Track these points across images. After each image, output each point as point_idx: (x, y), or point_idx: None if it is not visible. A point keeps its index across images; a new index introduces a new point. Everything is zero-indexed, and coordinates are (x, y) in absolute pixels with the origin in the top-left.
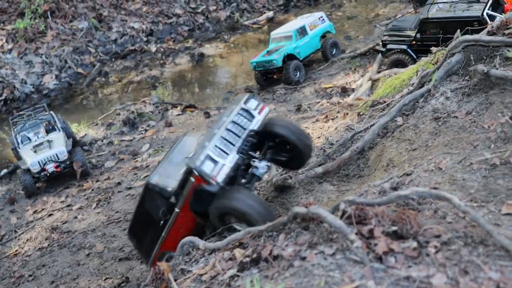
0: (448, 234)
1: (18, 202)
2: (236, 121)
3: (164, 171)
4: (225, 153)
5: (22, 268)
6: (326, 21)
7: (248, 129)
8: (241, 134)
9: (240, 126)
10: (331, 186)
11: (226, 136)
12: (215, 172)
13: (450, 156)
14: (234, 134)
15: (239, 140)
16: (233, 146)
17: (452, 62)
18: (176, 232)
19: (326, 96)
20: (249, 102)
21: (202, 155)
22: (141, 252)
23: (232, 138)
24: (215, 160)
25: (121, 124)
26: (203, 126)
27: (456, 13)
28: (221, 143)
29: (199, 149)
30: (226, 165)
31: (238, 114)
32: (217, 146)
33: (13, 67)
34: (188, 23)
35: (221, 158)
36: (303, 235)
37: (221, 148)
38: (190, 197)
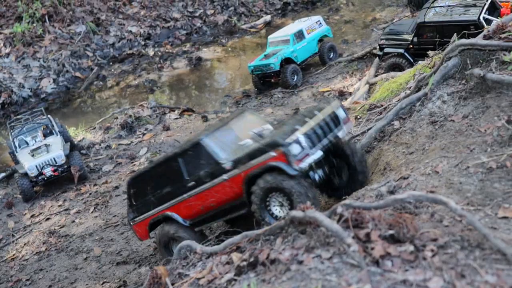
0: (445, 237)
1: (15, 206)
2: (327, 121)
3: (220, 137)
4: (312, 144)
5: (19, 272)
6: (324, 25)
7: (334, 133)
8: (328, 135)
9: (328, 127)
10: None
11: (317, 130)
12: (300, 156)
13: (446, 159)
14: (323, 132)
15: (325, 139)
16: (319, 143)
17: (448, 66)
18: (203, 198)
19: (323, 100)
20: (338, 109)
21: (293, 136)
22: (132, 205)
23: (321, 135)
24: (303, 146)
25: (118, 128)
26: (200, 130)
27: (452, 17)
28: (311, 134)
29: (288, 129)
30: (310, 156)
31: (330, 116)
32: (308, 134)
33: (10, 71)
34: (186, 27)
35: (308, 148)
36: (300, 239)
37: (311, 139)
38: (257, 169)
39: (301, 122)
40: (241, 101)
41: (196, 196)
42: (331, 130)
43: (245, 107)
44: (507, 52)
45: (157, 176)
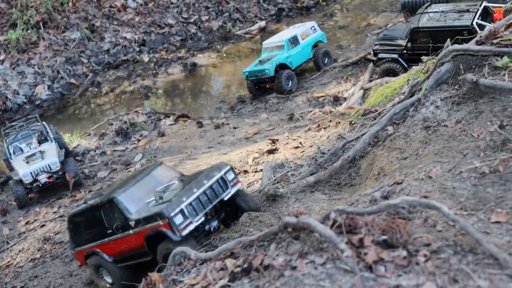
0: (438, 242)
1: (10, 213)
2: (214, 188)
3: (132, 194)
4: (195, 213)
5: (14, 280)
6: (318, 30)
7: (220, 198)
8: (213, 200)
9: (215, 193)
10: (322, 195)
11: (201, 198)
12: (182, 226)
13: (440, 164)
14: (208, 199)
15: (210, 205)
16: (203, 209)
17: (441, 71)
18: (118, 245)
19: (318, 105)
20: (228, 173)
21: (177, 208)
22: (72, 237)
23: (205, 202)
24: (186, 216)
25: (113, 134)
26: (195, 136)
27: (446, 23)
28: (196, 203)
29: (176, 200)
30: (193, 224)
31: (217, 182)
32: (192, 204)
33: (5, 77)
34: (181, 33)
35: (191, 216)
36: (294, 245)
37: (193, 208)
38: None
39: (189, 193)
40: (236, 107)
41: (113, 242)
42: (217, 195)
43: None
44: (499, 57)
45: (87, 219)
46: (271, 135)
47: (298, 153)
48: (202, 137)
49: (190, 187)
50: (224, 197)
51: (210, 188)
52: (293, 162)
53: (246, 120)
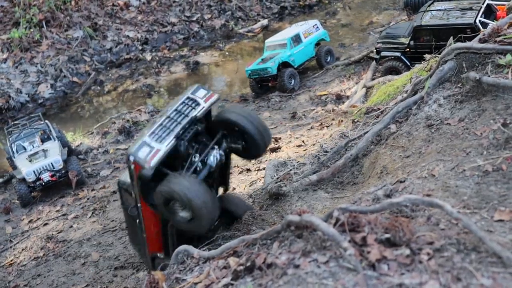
0: (441, 241)
1: (13, 212)
2: (179, 109)
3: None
4: (162, 138)
5: (17, 278)
6: (321, 28)
7: (190, 115)
8: (181, 120)
9: (182, 113)
10: (325, 193)
11: (166, 123)
12: (149, 157)
13: (443, 163)
14: (174, 121)
15: (178, 126)
16: (171, 132)
17: (444, 69)
18: (149, 230)
19: (321, 104)
20: (197, 91)
21: (139, 142)
22: (143, 258)
23: (171, 125)
24: (150, 145)
25: (116, 133)
26: None
27: (449, 21)
28: (159, 130)
29: (138, 138)
30: (161, 149)
31: (183, 103)
32: (155, 132)
33: (8, 76)
34: (183, 31)
35: (156, 143)
36: (297, 243)
37: (158, 135)
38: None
39: (150, 124)
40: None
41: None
42: (185, 115)
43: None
44: (502, 55)
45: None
46: (274, 133)
47: (301, 152)
48: None
49: (152, 120)
50: (197, 114)
51: (174, 111)
52: (296, 160)
53: None
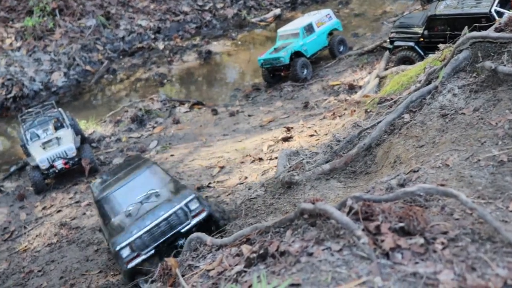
0: (455, 230)
1: (27, 199)
2: (169, 220)
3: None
4: (145, 246)
5: (31, 264)
6: (333, 18)
7: (175, 230)
8: (168, 233)
9: (170, 225)
10: (338, 183)
11: (154, 231)
12: (128, 259)
13: (457, 152)
14: (162, 231)
15: (163, 238)
16: (155, 242)
17: (459, 58)
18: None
19: (333, 93)
20: (191, 203)
21: (125, 242)
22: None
23: (158, 235)
24: (133, 249)
25: (129, 121)
26: (210, 124)
27: (464, 10)
28: (147, 236)
29: (126, 232)
30: (140, 256)
31: (175, 213)
32: (141, 237)
33: (22, 64)
34: (196, 20)
35: (139, 250)
36: (310, 231)
37: (143, 241)
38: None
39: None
40: (250, 95)
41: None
42: (173, 228)
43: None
44: None
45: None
46: (286, 123)
47: (313, 141)
48: (217, 125)
49: (146, 218)
50: (181, 230)
51: (165, 220)
52: (308, 150)
53: (261, 108)
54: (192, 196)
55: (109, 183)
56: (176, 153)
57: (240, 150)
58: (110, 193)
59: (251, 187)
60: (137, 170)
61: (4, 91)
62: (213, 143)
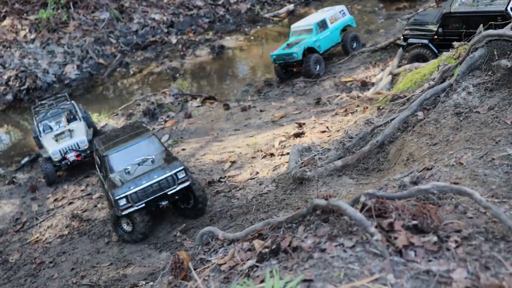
0: (469, 229)
1: (39, 190)
2: (160, 183)
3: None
4: (138, 200)
5: (43, 255)
6: (347, 14)
7: (164, 192)
8: (158, 193)
9: (160, 187)
10: (350, 179)
11: (147, 189)
12: (123, 207)
13: (471, 151)
14: (152, 190)
15: (153, 196)
16: (146, 198)
17: (475, 56)
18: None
19: (345, 90)
20: (179, 173)
21: (123, 194)
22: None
23: (150, 193)
24: (128, 201)
25: (141, 115)
26: (222, 118)
27: (479, 8)
28: (140, 192)
29: (126, 186)
30: (133, 207)
31: (165, 179)
32: (136, 193)
33: (35, 56)
34: (209, 15)
35: (133, 202)
36: (323, 227)
37: (137, 196)
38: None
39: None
40: (262, 90)
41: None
42: (162, 190)
43: (152, 132)
44: None
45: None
46: (298, 119)
47: (325, 137)
48: (228, 120)
49: (142, 178)
50: (168, 192)
51: (157, 182)
52: (320, 146)
53: (273, 103)
54: (181, 167)
55: (113, 143)
56: (188, 147)
57: (252, 145)
58: (114, 151)
59: (262, 182)
60: (138, 136)
61: (18, 82)
62: (224, 138)
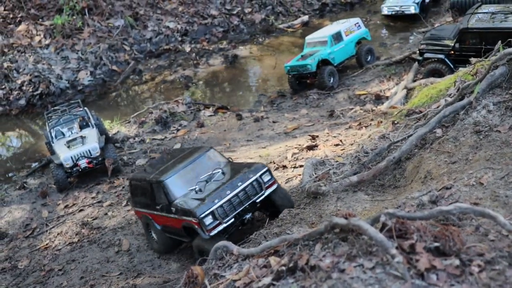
0: (492, 253)
1: (50, 196)
2: (247, 190)
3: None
4: (226, 215)
5: (52, 262)
6: (362, 27)
7: (252, 200)
8: (245, 202)
9: (247, 195)
10: (365, 195)
11: (233, 200)
12: (211, 226)
13: (492, 171)
14: (240, 201)
15: (241, 207)
16: (234, 211)
17: (495, 74)
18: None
19: (359, 103)
20: (264, 175)
21: (208, 210)
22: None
23: (237, 204)
24: (216, 217)
25: (153, 123)
26: (234, 129)
27: (497, 24)
28: (227, 205)
29: (209, 201)
30: (222, 225)
31: (251, 184)
32: (223, 206)
33: (49, 62)
34: (223, 24)
35: (220, 218)
36: (341, 247)
37: (224, 209)
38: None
39: (221, 194)
40: (276, 101)
41: (161, 216)
42: (249, 198)
43: (210, 146)
44: None
45: (142, 187)
46: (311, 131)
47: (338, 151)
48: (241, 130)
49: (225, 188)
50: (256, 200)
51: (243, 190)
52: (334, 160)
53: (286, 114)
54: (266, 169)
55: (165, 167)
56: None
57: (264, 157)
58: (170, 175)
59: None
60: (195, 153)
61: (31, 87)
62: (236, 148)
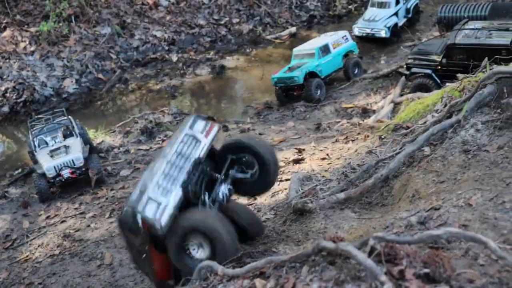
0: (482, 279)
1: (31, 206)
2: (179, 151)
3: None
4: (167, 192)
5: (32, 275)
6: (350, 40)
7: (192, 157)
8: (184, 164)
9: (183, 156)
10: (352, 213)
11: (168, 171)
12: (157, 215)
13: (481, 192)
14: (176, 167)
15: (182, 172)
16: (175, 181)
17: (484, 93)
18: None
19: (346, 116)
20: (195, 124)
21: (144, 198)
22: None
23: (174, 172)
24: (156, 200)
25: (138, 133)
26: (220, 140)
27: (484, 40)
28: (162, 180)
29: (141, 189)
30: (168, 204)
31: (182, 142)
32: (158, 183)
33: (34, 69)
34: (211, 34)
35: (162, 197)
36: (329, 271)
37: (162, 186)
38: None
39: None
40: (262, 113)
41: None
42: (187, 158)
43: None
44: None
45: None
46: (297, 144)
47: (325, 165)
48: None
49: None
50: (198, 155)
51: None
52: (321, 175)
53: (272, 127)
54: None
55: None
56: None
57: None
58: None
59: (260, 209)
60: None
61: (15, 94)
62: None
